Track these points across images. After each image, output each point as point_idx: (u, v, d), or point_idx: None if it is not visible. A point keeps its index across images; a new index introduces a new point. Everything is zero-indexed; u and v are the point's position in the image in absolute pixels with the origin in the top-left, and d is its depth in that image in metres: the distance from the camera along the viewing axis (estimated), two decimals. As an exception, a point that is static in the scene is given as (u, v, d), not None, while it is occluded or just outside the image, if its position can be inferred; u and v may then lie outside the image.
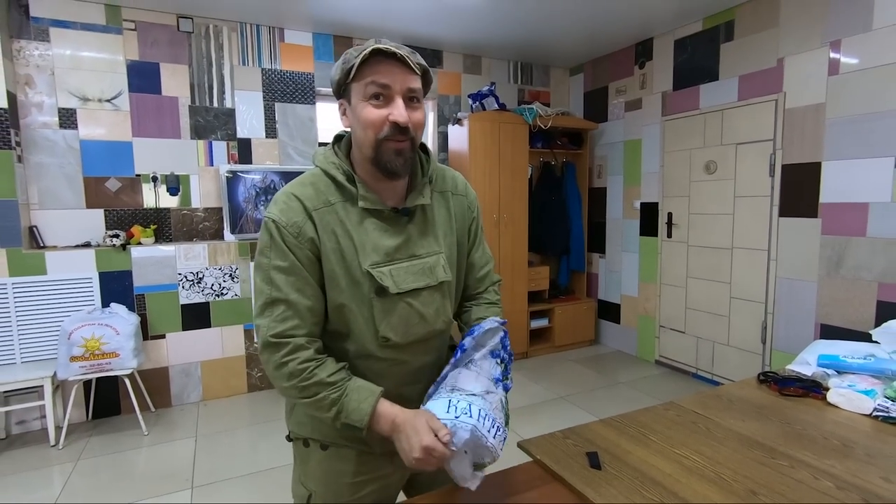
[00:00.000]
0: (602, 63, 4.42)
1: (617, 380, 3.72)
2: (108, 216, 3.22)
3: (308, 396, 0.89)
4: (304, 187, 0.94)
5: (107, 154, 3.19)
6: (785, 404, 1.51)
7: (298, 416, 1.06)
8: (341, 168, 0.95)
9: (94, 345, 2.73)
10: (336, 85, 0.94)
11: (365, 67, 0.88)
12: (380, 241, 0.94)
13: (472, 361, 0.97)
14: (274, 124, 3.65)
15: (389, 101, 0.89)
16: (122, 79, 3.20)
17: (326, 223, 0.92)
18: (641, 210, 4.10)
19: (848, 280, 2.75)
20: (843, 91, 2.74)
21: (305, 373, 0.88)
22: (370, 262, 0.93)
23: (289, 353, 0.88)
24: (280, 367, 0.89)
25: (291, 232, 0.90)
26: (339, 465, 1.04)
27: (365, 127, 0.90)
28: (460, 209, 1.09)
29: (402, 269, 0.95)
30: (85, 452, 2.69)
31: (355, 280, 0.92)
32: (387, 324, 0.95)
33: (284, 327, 0.88)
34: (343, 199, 0.94)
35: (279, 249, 0.90)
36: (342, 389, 0.89)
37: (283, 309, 0.89)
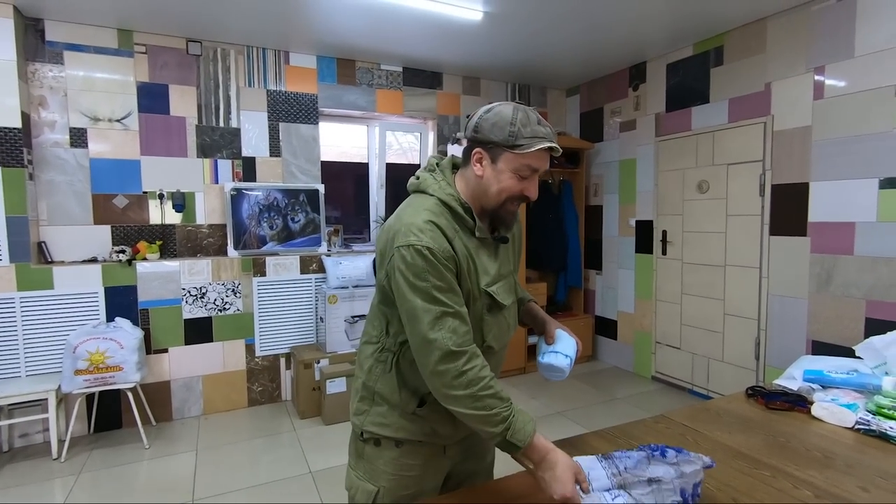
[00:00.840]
0: (597, 85, 4.55)
1: (614, 395, 3.76)
2: (114, 232, 3.30)
3: (483, 409, 0.95)
4: (438, 217, 1.05)
5: (115, 172, 3.28)
6: (771, 417, 1.56)
7: (378, 419, 1.13)
8: (459, 200, 1.08)
9: (99, 358, 2.78)
10: (486, 140, 1.03)
11: (532, 152, 1.01)
12: (488, 264, 1.11)
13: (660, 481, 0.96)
14: (278, 143, 3.75)
15: (530, 178, 1.05)
16: (132, 99, 3.30)
17: (459, 248, 1.05)
18: (637, 228, 4.18)
19: (837, 297, 2.81)
20: (828, 114, 2.84)
21: (485, 381, 0.96)
22: (484, 282, 1.08)
23: (468, 361, 0.96)
24: (461, 375, 0.95)
25: (443, 255, 1.00)
26: (409, 460, 1.14)
27: (502, 190, 1.05)
28: (518, 234, 1.29)
29: (500, 288, 1.12)
30: (87, 466, 2.72)
31: (474, 297, 1.07)
32: (493, 335, 1.11)
33: (462, 338, 0.97)
34: (461, 228, 1.08)
35: (438, 272, 0.98)
36: (511, 409, 0.97)
37: (453, 319, 0.98)
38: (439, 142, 4.36)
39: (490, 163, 1.04)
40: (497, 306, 1.10)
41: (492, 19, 3.20)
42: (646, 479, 0.95)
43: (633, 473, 0.97)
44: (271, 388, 3.57)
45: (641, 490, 0.94)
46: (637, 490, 0.94)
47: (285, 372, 3.60)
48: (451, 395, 0.96)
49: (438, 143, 4.36)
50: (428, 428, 1.12)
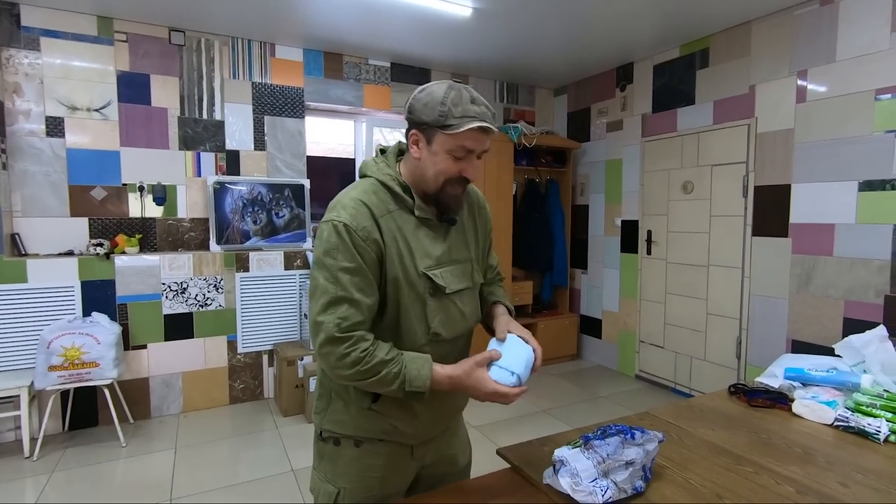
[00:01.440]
0: (585, 85, 4.57)
1: (598, 394, 3.78)
2: (92, 225, 3.21)
3: (372, 375, 0.96)
4: (369, 195, 1.03)
5: (93, 163, 3.19)
6: (753, 415, 1.58)
7: (336, 416, 1.11)
8: (398, 180, 1.06)
9: (74, 354, 2.70)
10: (419, 121, 1.01)
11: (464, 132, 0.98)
12: (430, 247, 1.06)
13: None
14: (263, 137, 3.69)
15: (467, 159, 1.02)
16: (111, 89, 3.22)
17: (389, 229, 1.02)
18: (622, 227, 4.21)
19: (817, 297, 2.86)
20: (810, 117, 2.89)
21: (367, 356, 0.96)
22: (424, 265, 1.04)
23: (351, 345, 0.96)
24: (343, 357, 0.96)
25: (361, 235, 0.98)
26: (370, 460, 1.11)
27: (439, 173, 1.02)
28: (483, 221, 1.23)
29: (448, 272, 1.07)
30: (60, 464, 2.64)
31: (411, 281, 1.02)
32: (438, 321, 1.06)
33: (350, 323, 0.96)
34: (399, 208, 1.05)
35: (348, 251, 0.97)
36: (400, 363, 0.97)
37: (347, 307, 0.96)
38: (427, 139, 4.33)
39: (426, 144, 1.02)
40: (439, 290, 1.05)
41: (481, 16, 3.19)
42: (624, 463, 1.03)
43: (614, 459, 1.03)
44: (253, 386, 3.52)
45: (621, 475, 1.02)
46: (618, 475, 1.01)
47: (268, 369, 3.55)
48: (338, 374, 0.98)
49: (426, 139, 4.33)
50: (387, 425, 1.08)
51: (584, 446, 1.09)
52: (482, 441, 2.93)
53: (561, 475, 1.04)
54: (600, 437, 1.12)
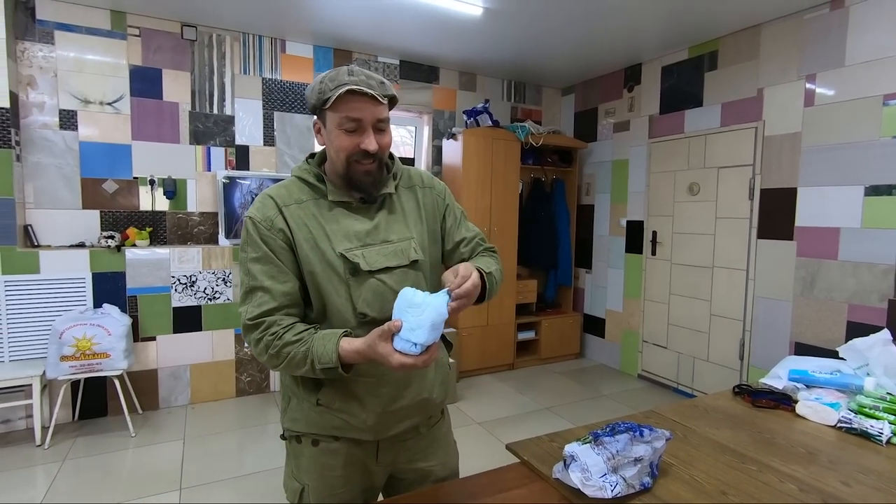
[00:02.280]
0: (593, 85, 4.59)
1: (600, 392, 3.81)
2: (104, 217, 3.24)
3: (283, 360, 0.98)
4: (279, 188, 1.08)
5: (105, 156, 3.22)
6: (757, 415, 1.60)
7: (292, 414, 1.13)
8: (312, 172, 1.09)
9: (86, 345, 2.74)
10: (312, 107, 1.04)
11: (339, 101, 0.98)
12: (351, 228, 1.06)
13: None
14: (272, 132, 3.71)
15: (361, 131, 1.01)
16: (124, 83, 3.25)
17: (297, 217, 1.03)
18: (627, 228, 4.23)
19: (820, 301, 2.88)
20: (817, 121, 2.90)
21: (275, 340, 0.98)
22: (343, 247, 1.03)
23: (262, 331, 0.99)
24: (257, 343, 0.99)
25: (265, 225, 1.02)
26: (329, 460, 1.11)
27: (338, 151, 1.02)
28: (430, 200, 1.20)
29: (373, 251, 1.06)
30: (71, 453, 2.68)
31: (330, 264, 1.02)
32: (363, 300, 1.04)
33: (260, 311, 0.99)
34: (315, 197, 1.07)
35: (254, 243, 1.02)
36: (308, 342, 0.97)
37: (260, 295, 1.00)
38: (434, 136, 4.36)
39: (323, 128, 1.05)
40: (358, 270, 1.02)
41: (491, 15, 3.20)
42: (632, 460, 1.05)
43: (623, 455, 1.05)
44: (259, 379, 3.56)
45: (630, 471, 1.04)
46: (626, 471, 1.03)
47: (274, 363, 3.58)
48: (261, 360, 1.02)
49: (433, 137, 4.36)
50: (338, 420, 1.07)
51: (593, 442, 1.12)
52: (485, 437, 2.96)
53: (571, 470, 1.07)
54: (609, 433, 1.15)
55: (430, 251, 1.17)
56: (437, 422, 1.26)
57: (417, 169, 1.25)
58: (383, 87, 1.02)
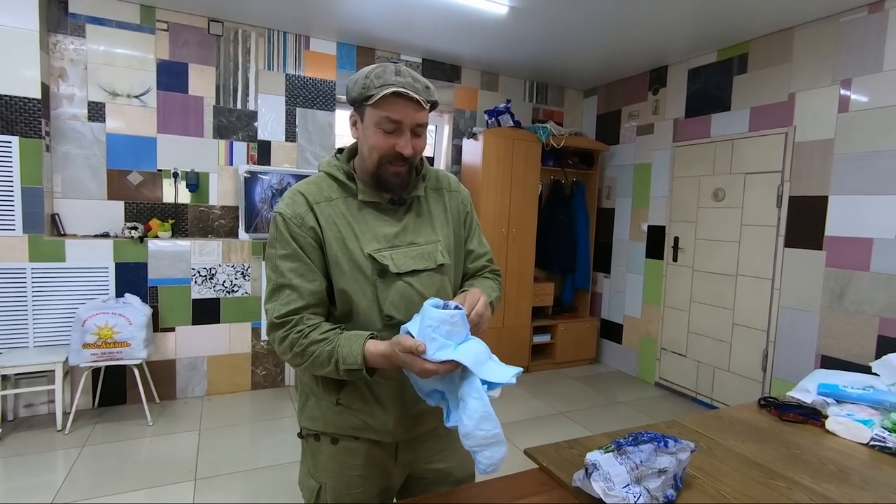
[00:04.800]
0: (616, 87, 4.52)
1: (616, 399, 3.75)
2: (127, 208, 3.30)
3: (307, 358, 0.97)
4: (309, 185, 1.06)
5: (131, 148, 3.28)
6: (784, 429, 1.54)
7: (310, 412, 1.12)
8: (342, 169, 1.07)
9: (107, 333, 2.78)
10: (351, 100, 1.02)
11: (382, 100, 0.96)
12: (379, 229, 1.04)
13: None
14: (294, 128, 3.74)
15: (399, 133, 0.99)
16: (151, 76, 3.30)
17: (328, 215, 1.02)
18: (648, 233, 4.16)
19: (850, 313, 2.79)
20: (851, 128, 2.80)
21: (301, 338, 0.97)
22: (372, 247, 1.02)
23: (288, 329, 0.98)
24: (282, 341, 0.98)
25: (295, 222, 1.00)
26: (348, 459, 1.09)
27: (372, 149, 1.00)
28: (455, 204, 1.18)
29: (401, 253, 1.04)
30: (90, 439, 2.73)
31: (358, 264, 1.01)
32: (390, 302, 1.02)
33: (288, 309, 0.98)
34: (345, 195, 1.05)
35: (284, 239, 1.00)
36: (333, 342, 0.95)
37: (288, 293, 0.98)
38: (454, 136, 4.34)
39: (360, 122, 1.03)
40: (386, 271, 1.01)
41: (517, 15, 3.17)
42: (657, 471, 1.02)
43: (647, 466, 1.02)
44: (275, 373, 3.58)
45: (654, 482, 1.01)
46: (650, 483, 1.01)
47: (289, 357, 3.60)
48: (284, 359, 1.00)
49: (454, 137, 4.34)
50: (357, 421, 1.06)
51: (616, 452, 1.09)
52: (499, 440, 2.93)
53: (593, 479, 1.04)
54: (633, 443, 1.12)
55: (454, 255, 1.16)
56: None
57: (445, 172, 1.24)
58: (428, 93, 1.00)
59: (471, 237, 1.21)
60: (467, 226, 1.20)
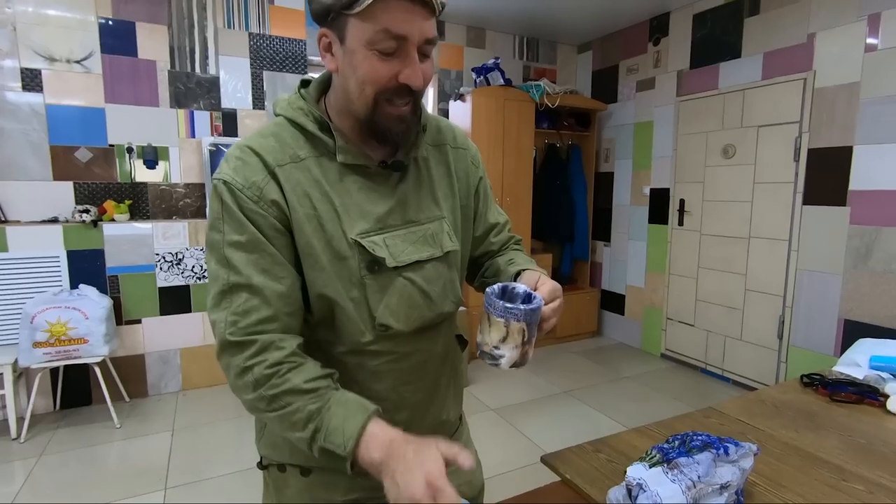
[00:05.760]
0: (613, 40, 4.18)
1: (621, 374, 3.55)
2: (77, 189, 2.95)
3: (277, 409, 0.66)
4: (264, 138, 0.73)
5: (77, 121, 2.91)
6: (838, 412, 1.33)
7: (271, 438, 0.84)
8: (311, 115, 0.74)
9: (60, 330, 2.49)
10: (321, 10, 0.67)
11: (375, 6, 0.63)
12: (367, 204, 0.75)
13: None
14: (262, 95, 3.37)
15: (402, 55, 0.67)
16: (93, 38, 2.90)
17: (296, 183, 0.71)
18: (651, 196, 3.89)
19: (877, 273, 2.57)
20: (880, 69, 2.53)
21: (275, 377, 0.66)
22: (358, 230, 0.73)
23: (254, 355, 0.66)
24: (243, 373, 0.67)
25: (249, 195, 0.69)
26: (323, 494, 0.83)
27: (363, 81, 0.68)
28: (462, 165, 0.89)
29: (398, 238, 0.76)
30: (50, 446, 2.46)
31: (340, 255, 0.72)
32: (385, 307, 0.74)
33: (248, 321, 0.67)
34: (316, 154, 0.74)
35: (234, 220, 0.69)
36: (323, 400, 0.66)
37: (247, 298, 0.68)
38: (440, 99, 4.00)
39: (339, 45, 0.68)
40: (377, 264, 0.73)
41: (504, -47, 2.81)
42: (718, 487, 0.84)
43: (707, 482, 0.82)
44: (256, 363, 3.31)
45: (715, 501, 0.83)
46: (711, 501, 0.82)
47: (272, 345, 3.34)
48: (240, 397, 0.69)
49: (439, 100, 4.00)
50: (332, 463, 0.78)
51: (666, 465, 0.85)
52: (502, 424, 2.72)
53: (640, 502, 0.80)
54: (682, 451, 0.89)
55: (463, 233, 0.88)
56: (454, 431, 0.97)
57: (447, 121, 0.92)
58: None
59: (489, 207, 0.95)
60: (481, 195, 0.92)
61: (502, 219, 0.98)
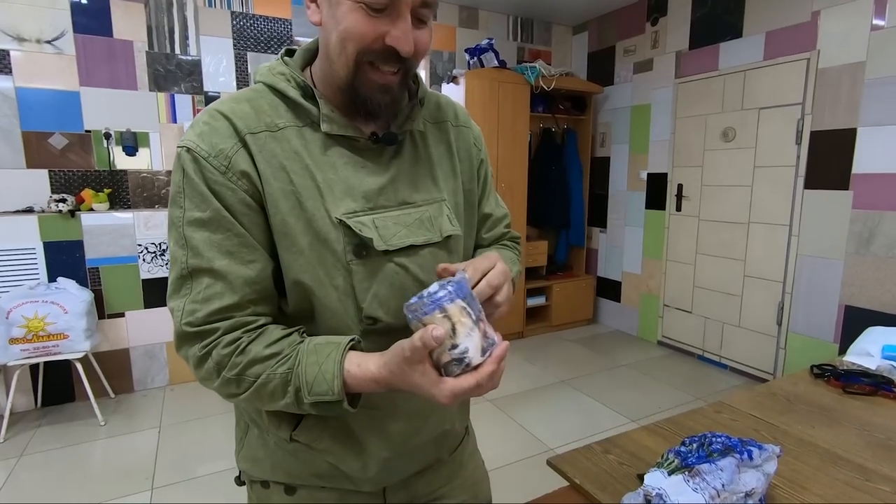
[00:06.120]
0: (609, 20, 4.06)
1: (618, 361, 3.51)
2: (53, 178, 2.81)
3: (246, 387, 0.60)
4: (238, 103, 0.64)
5: (50, 106, 2.76)
6: (853, 405, 1.28)
7: (251, 451, 0.76)
8: (294, 80, 0.66)
9: (38, 325, 2.38)
10: None
11: None
12: (354, 181, 0.66)
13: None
14: (246, 77, 3.23)
15: (393, 14, 0.59)
16: (64, 16, 2.74)
17: (271, 154, 0.62)
18: (648, 181, 3.82)
19: (880, 258, 2.52)
20: (887, 48, 2.45)
21: (234, 355, 0.59)
22: (344, 209, 0.64)
23: (213, 341, 0.60)
24: (202, 361, 0.60)
25: (216, 165, 0.60)
26: None
27: (345, 37, 0.59)
28: (465, 145, 0.80)
29: (389, 219, 0.67)
30: (31, 446, 2.37)
31: (321, 236, 0.64)
32: (373, 297, 0.66)
33: (209, 310, 0.59)
34: (298, 125, 0.65)
35: (196, 193, 0.60)
36: (292, 357, 0.60)
37: (208, 283, 0.60)
38: (432, 81, 3.87)
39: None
40: (365, 248, 0.64)
41: (499, -74, 2.68)
42: (742, 495, 0.77)
43: (732, 491, 0.77)
44: (246, 355, 3.22)
45: None
46: None
47: (262, 337, 3.24)
48: (209, 387, 0.63)
49: (431, 82, 3.87)
50: (323, 464, 0.71)
51: (686, 472, 0.78)
52: (497, 415, 2.66)
53: None
54: (702, 455, 0.82)
55: (467, 220, 0.79)
56: (459, 442, 0.89)
57: (448, 97, 0.83)
58: None
59: (486, 195, 0.86)
60: (482, 179, 0.84)
61: (500, 212, 0.89)
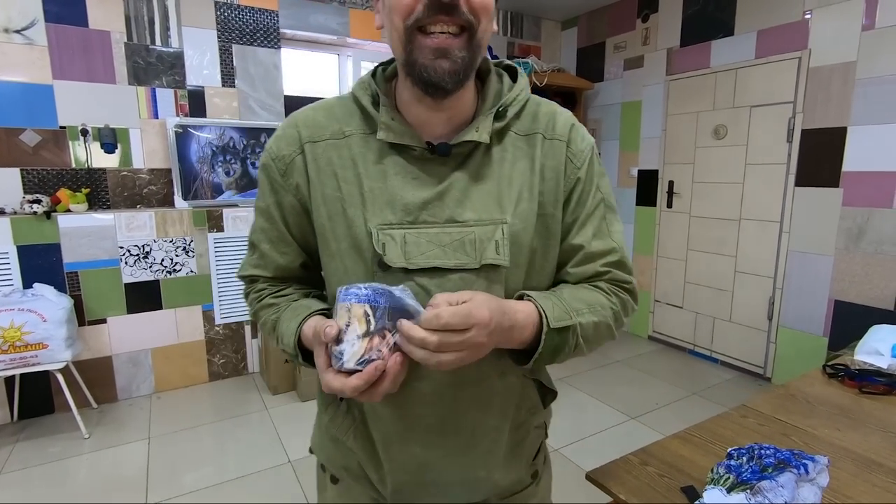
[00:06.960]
0: (599, 15, 4.05)
1: (610, 357, 3.53)
2: (25, 177, 2.64)
3: (261, 326, 0.76)
4: (316, 111, 0.70)
5: (20, 100, 2.59)
6: (870, 405, 1.30)
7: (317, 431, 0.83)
8: (370, 87, 0.68)
9: (15, 335, 2.23)
10: None
11: None
12: (400, 191, 0.64)
13: None
14: (231, 71, 3.10)
15: None
16: (35, 4, 2.56)
17: (327, 161, 0.66)
18: (639, 178, 3.84)
19: (868, 254, 2.59)
20: (877, 48, 2.50)
21: (258, 298, 0.76)
22: (380, 220, 0.63)
23: (249, 285, 0.78)
24: (245, 297, 0.79)
25: (278, 167, 0.69)
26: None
27: (392, 13, 0.59)
28: (554, 161, 0.68)
29: (424, 236, 0.63)
30: (10, 463, 2.23)
31: (356, 243, 0.64)
32: None
33: (250, 273, 0.76)
34: (365, 131, 0.67)
35: (264, 186, 0.72)
36: (281, 309, 0.71)
37: (257, 256, 0.75)
38: (423, 76, 3.79)
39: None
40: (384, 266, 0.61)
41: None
42: None
43: None
44: (235, 360, 3.12)
45: None
46: None
47: (251, 341, 3.14)
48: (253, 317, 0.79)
49: (422, 78, 3.79)
50: (352, 460, 0.75)
51: (749, 491, 0.77)
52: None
53: None
54: (756, 469, 0.81)
55: (539, 251, 0.67)
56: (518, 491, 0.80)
57: (554, 106, 0.71)
58: None
59: (581, 224, 0.69)
60: (575, 202, 0.68)
61: (599, 245, 0.69)
